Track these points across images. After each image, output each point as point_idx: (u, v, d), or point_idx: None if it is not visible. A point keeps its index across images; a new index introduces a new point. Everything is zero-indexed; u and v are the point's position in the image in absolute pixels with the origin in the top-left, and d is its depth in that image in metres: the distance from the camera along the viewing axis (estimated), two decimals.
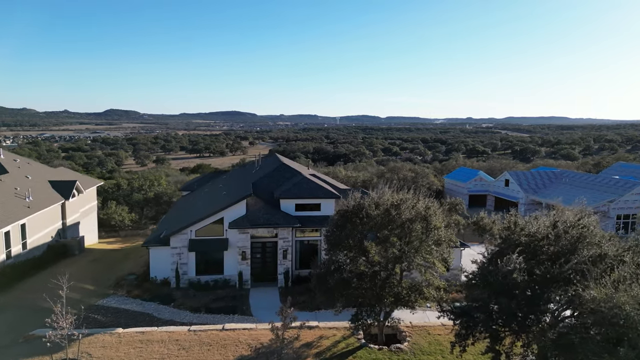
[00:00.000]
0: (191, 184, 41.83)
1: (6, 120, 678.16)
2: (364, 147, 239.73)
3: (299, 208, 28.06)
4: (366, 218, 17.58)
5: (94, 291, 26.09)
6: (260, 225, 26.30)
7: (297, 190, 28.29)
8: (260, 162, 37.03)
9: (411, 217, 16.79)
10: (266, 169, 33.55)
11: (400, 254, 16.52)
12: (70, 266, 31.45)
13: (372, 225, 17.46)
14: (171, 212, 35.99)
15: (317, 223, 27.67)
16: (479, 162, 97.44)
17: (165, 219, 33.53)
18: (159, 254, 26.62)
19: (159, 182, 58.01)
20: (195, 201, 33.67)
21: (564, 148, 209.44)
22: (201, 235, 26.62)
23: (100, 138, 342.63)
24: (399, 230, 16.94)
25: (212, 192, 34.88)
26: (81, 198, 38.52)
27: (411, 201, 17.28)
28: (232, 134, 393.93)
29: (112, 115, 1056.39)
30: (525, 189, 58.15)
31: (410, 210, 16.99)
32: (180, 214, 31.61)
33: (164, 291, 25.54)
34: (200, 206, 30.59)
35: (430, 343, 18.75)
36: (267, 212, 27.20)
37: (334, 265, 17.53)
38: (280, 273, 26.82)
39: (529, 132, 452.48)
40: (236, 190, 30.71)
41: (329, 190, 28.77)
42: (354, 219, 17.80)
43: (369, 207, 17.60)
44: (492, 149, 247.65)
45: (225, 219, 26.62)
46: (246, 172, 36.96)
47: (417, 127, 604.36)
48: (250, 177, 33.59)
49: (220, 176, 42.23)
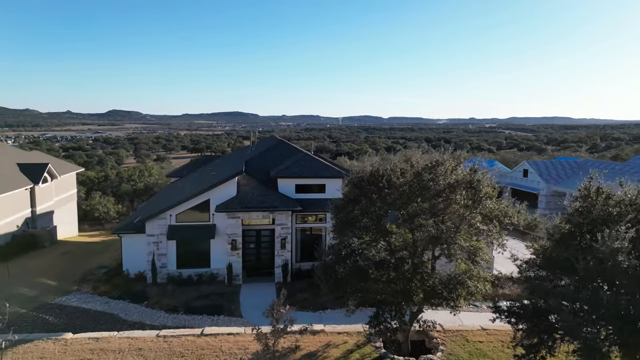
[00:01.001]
0: (180, 169, 37.51)
1: (9, 120, 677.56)
2: (366, 146, 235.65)
3: (300, 189, 23.70)
4: (388, 188, 13.18)
5: (55, 287, 21.78)
6: (253, 208, 21.93)
7: (297, 168, 23.92)
8: (256, 142, 32.70)
9: (452, 182, 12.35)
10: (263, 147, 29.21)
11: (438, 234, 12.07)
12: (35, 259, 27.23)
13: (397, 198, 13.05)
14: (154, 198, 31.61)
15: (321, 207, 23.31)
16: (490, 154, 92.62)
17: (146, 205, 29.19)
18: (132, 244, 22.27)
19: (150, 173, 53.77)
20: (181, 185, 29.32)
21: (571, 146, 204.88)
22: (183, 220, 22.27)
23: (102, 138, 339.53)
24: (434, 202, 12.51)
25: (202, 176, 30.55)
26: (56, 184, 34.26)
27: (450, 163, 12.85)
28: (234, 134, 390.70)
29: (115, 115, 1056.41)
30: (546, 179, 53.56)
31: (449, 174, 12.55)
32: (162, 199, 27.24)
33: (137, 287, 21.18)
34: (185, 190, 26.23)
35: (471, 354, 14.30)
36: (262, 192, 22.83)
37: (346, 250, 13.13)
38: (277, 266, 22.43)
39: (532, 131, 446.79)
40: (227, 171, 26.36)
41: (336, 169, 24.38)
42: (372, 190, 13.40)
43: (392, 172, 13.20)
44: (497, 147, 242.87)
45: (212, 201, 22.26)
46: (241, 155, 32.59)
47: (419, 127, 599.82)
48: (244, 157, 29.26)
49: (213, 160, 37.87)
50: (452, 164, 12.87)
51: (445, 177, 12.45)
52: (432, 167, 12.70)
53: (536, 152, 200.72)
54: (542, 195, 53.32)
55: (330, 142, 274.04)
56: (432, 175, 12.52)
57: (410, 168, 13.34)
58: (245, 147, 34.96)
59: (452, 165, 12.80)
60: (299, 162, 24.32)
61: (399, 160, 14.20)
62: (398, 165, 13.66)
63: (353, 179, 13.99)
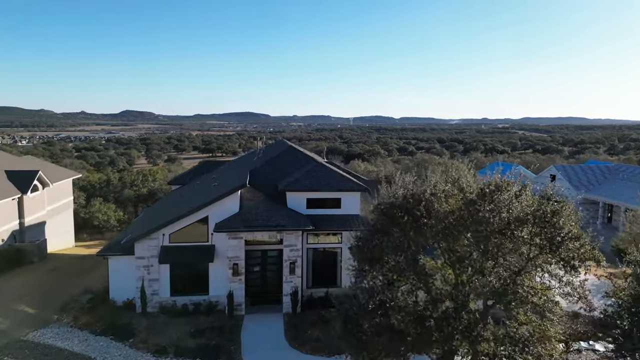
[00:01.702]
0: (183, 176, 34.75)
1: (24, 121, 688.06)
2: (378, 147, 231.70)
3: (312, 204, 20.66)
4: (428, 218, 10.09)
5: (32, 316, 19.08)
6: (258, 227, 18.94)
7: (309, 180, 20.88)
8: (263, 148, 29.76)
9: (519, 217, 9.17)
10: (270, 155, 26.25)
11: (502, 286, 8.91)
12: (19, 277, 24.61)
13: (439, 231, 9.95)
14: (149, 210, 28.84)
15: (336, 225, 20.28)
16: (511, 157, 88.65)
17: (140, 219, 26.40)
18: (120, 267, 19.46)
19: (154, 177, 51.26)
20: (180, 196, 26.50)
21: (588, 147, 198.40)
22: (177, 240, 19.38)
23: (115, 138, 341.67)
24: (494, 240, 9.36)
25: (203, 185, 27.73)
26: (49, 193, 31.76)
27: (514, 187, 9.69)
28: (245, 134, 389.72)
29: (128, 116, 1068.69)
30: (576, 185, 49.69)
31: (513, 203, 9.37)
32: (157, 213, 24.40)
33: (124, 318, 18.35)
34: (183, 202, 23.38)
35: None
36: (268, 208, 19.84)
37: (373, 301, 10.03)
38: (285, 294, 19.40)
39: (547, 132, 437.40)
40: (230, 181, 23.46)
41: (353, 181, 21.28)
42: (405, 218, 10.33)
43: (434, 198, 10.09)
44: (511, 148, 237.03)
45: (211, 218, 19.35)
46: (246, 161, 29.70)
47: (431, 127, 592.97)
48: (249, 165, 26.35)
49: (218, 167, 35.06)
50: (515, 189, 9.68)
51: (509, 207, 9.26)
52: (490, 193, 9.52)
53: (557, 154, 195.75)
54: (572, 203, 49.60)
55: (341, 143, 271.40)
56: (491, 206, 9.33)
57: (458, 192, 10.19)
58: (253, 151, 32.05)
59: (516, 191, 9.61)
60: (310, 173, 21.28)
61: (442, 180, 11.06)
62: (441, 187, 10.53)
63: (382, 205, 10.88)
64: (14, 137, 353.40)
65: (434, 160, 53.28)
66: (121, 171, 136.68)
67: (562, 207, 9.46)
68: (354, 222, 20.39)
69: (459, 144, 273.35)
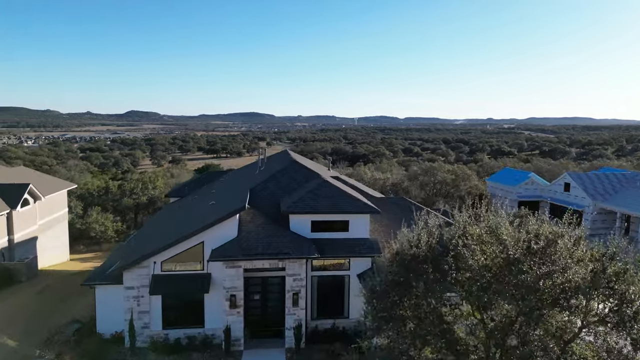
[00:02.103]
0: (181, 188, 33.13)
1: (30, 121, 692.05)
2: (383, 148, 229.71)
3: (317, 227, 18.95)
4: (455, 270, 8.34)
5: (12, 350, 17.50)
6: (258, 255, 17.25)
7: (313, 200, 19.16)
8: (265, 159, 28.06)
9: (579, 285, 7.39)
10: (273, 170, 24.56)
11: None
12: (4, 300, 23.10)
13: (472, 287, 8.20)
14: (144, 228, 27.20)
15: (343, 250, 18.57)
16: (520, 162, 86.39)
17: (133, 238, 24.77)
18: (108, 297, 17.85)
19: (155, 185, 49.74)
20: (175, 214, 24.86)
21: (596, 149, 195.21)
22: (170, 268, 17.75)
23: (120, 139, 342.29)
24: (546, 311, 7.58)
25: (201, 201, 26.12)
26: (41, 206, 30.29)
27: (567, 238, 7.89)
28: (250, 135, 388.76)
29: (133, 116, 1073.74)
30: (592, 194, 47.64)
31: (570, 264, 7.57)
32: (150, 234, 22.74)
33: (112, 355, 16.76)
34: (178, 222, 21.74)
35: None
36: (269, 233, 18.15)
37: None
38: (288, 328, 17.71)
39: (553, 132, 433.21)
40: (228, 198, 21.81)
41: (362, 202, 19.53)
42: (430, 272, 8.58)
43: (465, 248, 8.33)
44: (518, 149, 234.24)
45: (207, 244, 17.69)
46: (247, 174, 28.04)
47: (436, 127, 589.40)
48: (250, 180, 24.69)
49: (218, 178, 33.45)
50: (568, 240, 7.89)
51: (564, 270, 7.48)
52: (540, 251, 7.73)
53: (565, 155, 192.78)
54: (588, 213, 47.46)
55: (346, 144, 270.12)
56: (541, 265, 7.56)
57: (496, 244, 8.40)
58: (254, 162, 30.39)
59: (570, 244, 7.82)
60: (316, 192, 19.57)
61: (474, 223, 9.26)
62: (474, 233, 8.75)
63: (402, 255, 9.13)
64: (20, 138, 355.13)
65: (443, 168, 51.38)
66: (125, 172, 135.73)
67: (626, 269, 7.61)
68: (362, 246, 18.71)
69: (464, 144, 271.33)
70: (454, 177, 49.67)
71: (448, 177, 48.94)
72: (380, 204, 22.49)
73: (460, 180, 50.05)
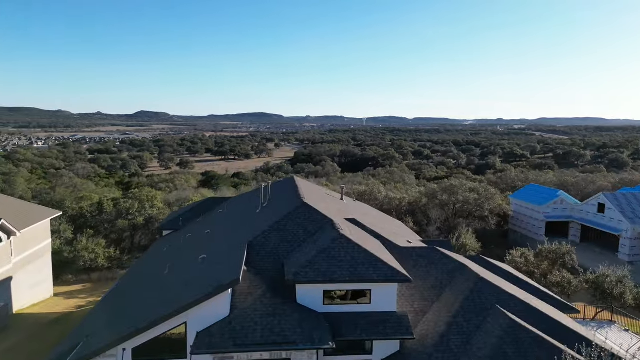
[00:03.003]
0: (176, 219, 29.50)
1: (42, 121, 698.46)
2: (393, 150, 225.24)
3: (331, 298, 15.12)
4: None
5: None
6: (254, 345, 13.43)
7: (326, 263, 15.32)
8: (269, 191, 24.24)
9: None
10: (277, 208, 20.74)
11: None
12: None
13: None
14: (126, 278, 23.43)
15: (364, 329, 14.70)
16: (541, 172, 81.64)
17: (111, 295, 21.00)
18: None
19: (153, 204, 46.26)
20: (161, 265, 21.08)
21: (612, 152, 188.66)
22: (144, 356, 14.00)
23: (129, 140, 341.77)
24: None
25: (192, 248, 22.40)
26: (17, 241, 26.83)
27: None
28: (258, 136, 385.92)
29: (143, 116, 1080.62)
30: (630, 218, 43.17)
31: None
32: (130, 295, 18.96)
33: None
34: (160, 284, 17.96)
35: None
36: (270, 310, 14.33)
37: None
38: None
39: (565, 133, 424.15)
40: (223, 251, 18.04)
41: (388, 266, 15.59)
42: None
43: None
44: (530, 152, 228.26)
45: (190, 326, 13.92)
46: (247, 210, 24.22)
47: (446, 128, 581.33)
48: (250, 222, 20.91)
49: (215, 207, 29.79)
50: None
51: None
52: None
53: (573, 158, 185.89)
54: (626, 237, 43.01)
55: (354, 146, 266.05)
56: None
57: None
58: (256, 191, 26.58)
59: None
60: (329, 253, 15.70)
61: None
62: None
63: None
64: (30, 139, 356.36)
65: (464, 186, 47.18)
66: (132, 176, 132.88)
67: None
68: (388, 323, 14.84)
69: (475, 147, 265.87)
70: (476, 197, 45.45)
71: (471, 197, 44.74)
72: (407, 257, 18.62)
73: (484, 199, 45.84)
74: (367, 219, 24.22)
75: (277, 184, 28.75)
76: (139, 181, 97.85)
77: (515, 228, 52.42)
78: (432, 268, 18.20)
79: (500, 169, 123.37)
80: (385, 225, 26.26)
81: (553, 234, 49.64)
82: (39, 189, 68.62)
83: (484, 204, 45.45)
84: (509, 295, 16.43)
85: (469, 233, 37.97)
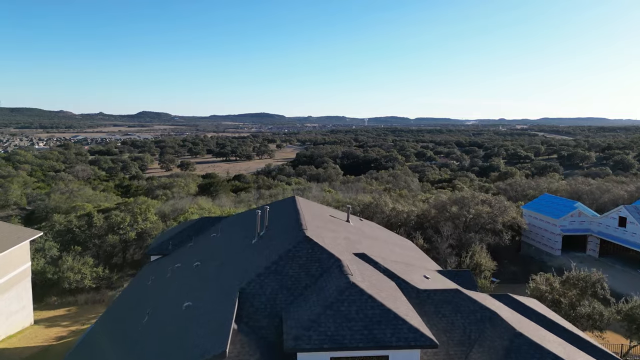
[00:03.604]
0: (165, 242, 26.82)
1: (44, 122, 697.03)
2: (395, 152, 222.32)
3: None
4: None
5: None
6: None
7: (334, 323, 12.62)
8: (266, 217, 21.53)
9: None
10: (275, 239, 18.03)
11: None
12: None
13: None
14: (101, 321, 20.71)
15: None
16: (551, 180, 78.76)
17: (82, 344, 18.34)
18: None
19: (146, 217, 43.67)
20: (143, 304, 18.40)
21: (617, 153, 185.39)
22: None
23: (130, 140, 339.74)
24: None
25: (178, 281, 19.73)
26: None
27: None
28: (260, 136, 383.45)
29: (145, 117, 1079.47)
30: None
31: None
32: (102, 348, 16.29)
33: None
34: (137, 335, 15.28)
35: None
36: None
37: None
38: None
39: (568, 133, 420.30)
40: (210, 299, 15.37)
41: (409, 326, 12.86)
42: None
43: None
44: (534, 153, 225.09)
45: None
46: (242, 240, 21.51)
47: (448, 128, 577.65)
48: (244, 257, 18.20)
49: (209, 228, 27.12)
50: None
51: None
52: None
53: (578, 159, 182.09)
54: None
55: (356, 147, 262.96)
56: None
57: None
58: (252, 212, 23.89)
59: None
60: (338, 309, 13.00)
61: None
62: None
63: None
64: (31, 139, 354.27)
65: (476, 198, 44.41)
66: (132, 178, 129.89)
67: None
68: None
69: (478, 148, 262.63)
70: (489, 210, 42.68)
71: (483, 211, 41.98)
72: (428, 302, 15.91)
73: (497, 212, 43.07)
74: (377, 248, 21.52)
75: (276, 205, 26.04)
76: (138, 184, 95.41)
77: (528, 241, 49.66)
78: (457, 317, 15.48)
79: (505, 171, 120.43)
80: (396, 251, 23.58)
81: (569, 248, 46.90)
82: (34, 195, 66.24)
83: (498, 217, 42.69)
84: (554, 356, 13.69)
85: (483, 250, 35.43)
